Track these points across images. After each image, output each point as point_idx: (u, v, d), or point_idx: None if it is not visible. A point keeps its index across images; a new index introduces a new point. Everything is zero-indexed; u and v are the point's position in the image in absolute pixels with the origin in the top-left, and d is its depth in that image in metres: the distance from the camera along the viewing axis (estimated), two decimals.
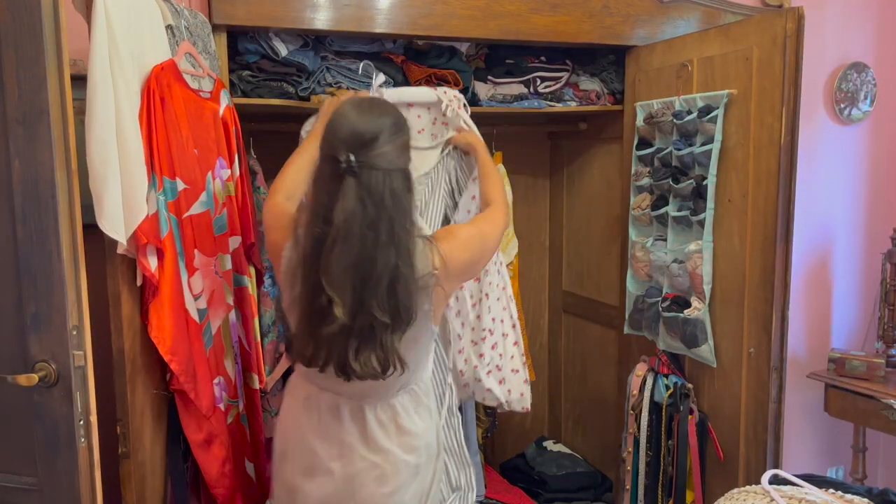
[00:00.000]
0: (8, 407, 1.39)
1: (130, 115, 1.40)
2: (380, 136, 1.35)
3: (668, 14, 2.43)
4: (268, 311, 2.12)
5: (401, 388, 1.52)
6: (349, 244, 1.32)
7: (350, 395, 1.49)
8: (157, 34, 1.59)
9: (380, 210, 1.33)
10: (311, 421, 1.51)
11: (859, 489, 1.46)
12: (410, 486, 1.52)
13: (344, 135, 1.35)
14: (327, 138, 1.38)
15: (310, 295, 1.36)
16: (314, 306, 1.35)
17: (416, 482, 1.54)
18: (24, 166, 1.30)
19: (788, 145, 1.97)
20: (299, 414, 1.53)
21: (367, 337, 1.36)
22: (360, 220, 1.32)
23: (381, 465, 1.49)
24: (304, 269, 1.37)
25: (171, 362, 1.49)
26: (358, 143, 1.33)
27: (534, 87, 2.52)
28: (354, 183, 1.32)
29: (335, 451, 1.49)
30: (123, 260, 1.45)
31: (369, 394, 1.49)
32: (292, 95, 2.15)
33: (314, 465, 1.49)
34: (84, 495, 1.35)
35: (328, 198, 1.34)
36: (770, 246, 2.02)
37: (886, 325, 2.74)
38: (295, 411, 1.54)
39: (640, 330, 2.44)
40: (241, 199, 1.86)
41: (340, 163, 1.32)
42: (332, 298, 1.32)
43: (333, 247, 1.32)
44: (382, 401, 1.51)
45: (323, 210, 1.34)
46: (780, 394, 2.06)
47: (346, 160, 1.31)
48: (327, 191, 1.34)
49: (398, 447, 1.51)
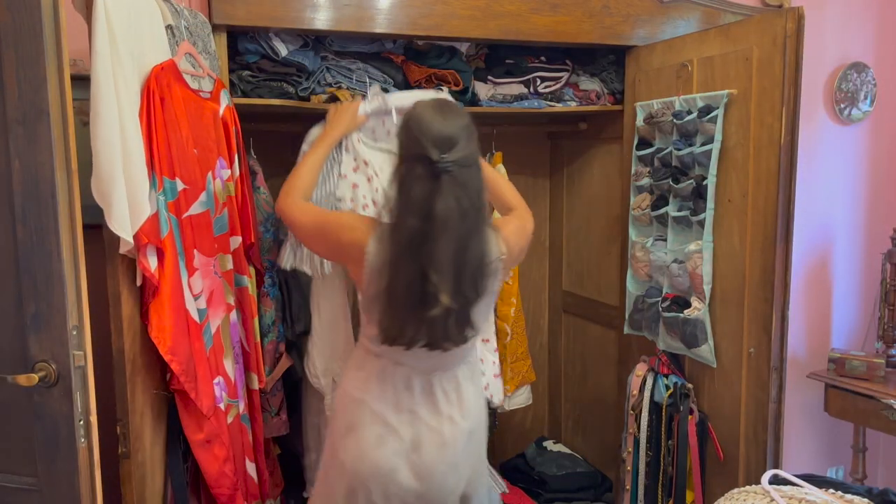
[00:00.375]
0: (8, 407, 1.39)
1: (131, 116, 1.40)
2: (462, 136, 1.51)
3: (668, 14, 2.43)
4: (268, 311, 2.12)
5: (461, 360, 1.70)
6: (449, 236, 1.48)
7: (423, 369, 1.65)
8: (157, 34, 1.59)
9: (472, 203, 1.51)
10: (384, 394, 1.64)
11: (859, 489, 1.46)
12: (466, 448, 1.70)
13: (433, 137, 1.49)
14: (413, 141, 1.51)
15: (413, 284, 1.50)
16: (418, 293, 1.50)
17: (470, 445, 1.72)
18: (24, 166, 1.30)
19: (788, 145, 1.97)
20: (371, 387, 1.65)
21: (462, 316, 1.56)
22: (457, 214, 1.48)
23: (443, 431, 1.65)
24: (402, 261, 1.51)
25: (172, 362, 1.49)
26: (447, 144, 1.48)
27: (534, 87, 2.52)
28: (450, 180, 1.48)
29: (406, 419, 1.64)
30: (123, 260, 1.45)
31: (439, 367, 1.66)
32: (292, 95, 2.15)
33: (385, 434, 1.63)
34: (84, 495, 1.36)
35: (424, 195, 1.48)
36: (770, 246, 2.02)
37: (886, 325, 2.74)
38: (367, 385, 1.66)
39: (640, 330, 2.44)
40: (241, 199, 1.86)
41: (435, 163, 1.47)
42: (438, 286, 1.48)
43: (438, 240, 1.48)
44: (448, 372, 1.68)
45: (419, 207, 1.49)
46: (780, 394, 2.06)
47: (440, 160, 1.47)
48: (422, 189, 1.49)
49: (458, 413, 1.68)
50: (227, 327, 1.75)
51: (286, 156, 2.54)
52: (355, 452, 1.63)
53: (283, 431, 2.22)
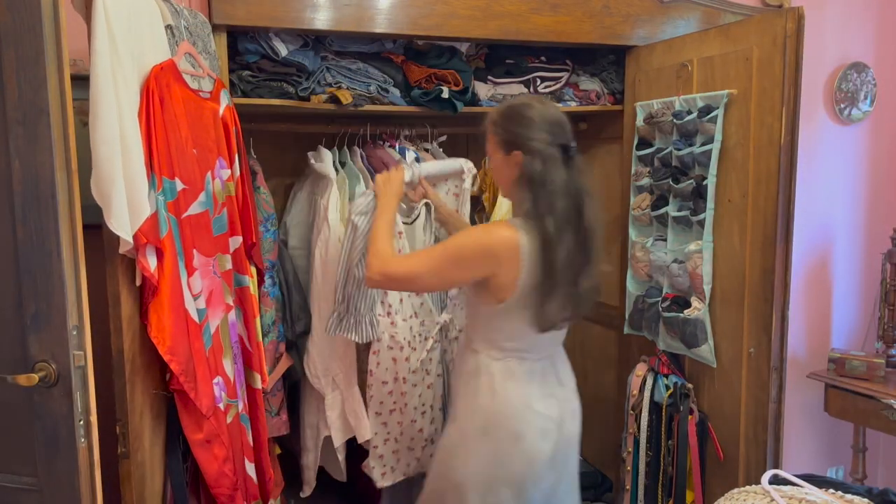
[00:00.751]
0: (8, 407, 1.39)
1: (130, 116, 1.40)
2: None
3: (668, 14, 2.43)
4: (268, 311, 2.12)
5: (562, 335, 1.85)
6: (592, 206, 1.68)
7: (548, 353, 1.80)
8: (157, 34, 1.59)
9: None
10: (533, 390, 1.76)
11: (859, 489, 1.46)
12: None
13: (564, 123, 1.69)
14: (550, 130, 1.67)
15: (573, 256, 1.65)
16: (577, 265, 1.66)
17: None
18: (24, 166, 1.29)
19: (788, 145, 1.97)
20: (530, 390, 1.75)
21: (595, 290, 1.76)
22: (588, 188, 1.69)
23: (572, 400, 1.84)
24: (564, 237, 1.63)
25: (171, 362, 1.49)
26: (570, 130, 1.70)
27: (534, 87, 2.52)
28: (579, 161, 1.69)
29: (552, 404, 1.77)
30: (123, 260, 1.45)
31: (555, 345, 1.83)
32: (292, 95, 2.16)
33: (545, 427, 1.75)
34: (84, 495, 1.35)
35: (566, 176, 1.65)
36: (770, 246, 2.02)
37: (886, 325, 2.74)
38: (525, 390, 1.75)
39: (640, 330, 2.44)
40: (241, 199, 1.86)
41: (571, 147, 1.67)
42: (595, 253, 1.70)
43: (586, 212, 1.67)
44: (558, 348, 1.85)
45: (566, 187, 1.65)
46: (780, 394, 2.06)
47: (574, 145, 1.67)
48: (563, 172, 1.66)
49: (572, 382, 1.87)
50: (226, 327, 1.75)
51: (286, 156, 2.55)
52: (530, 455, 1.73)
53: (284, 431, 2.22)
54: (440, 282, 1.81)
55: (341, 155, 2.36)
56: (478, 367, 1.77)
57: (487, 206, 2.62)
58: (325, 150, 2.26)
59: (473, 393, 1.77)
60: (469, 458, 1.75)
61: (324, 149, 2.26)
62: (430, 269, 1.72)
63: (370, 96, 2.24)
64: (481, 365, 1.77)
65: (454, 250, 1.72)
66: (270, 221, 2.17)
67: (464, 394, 1.81)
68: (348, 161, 2.33)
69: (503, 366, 1.75)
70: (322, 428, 2.26)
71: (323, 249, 2.16)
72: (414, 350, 2.19)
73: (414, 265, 1.75)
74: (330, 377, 2.20)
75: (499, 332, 1.75)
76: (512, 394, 1.74)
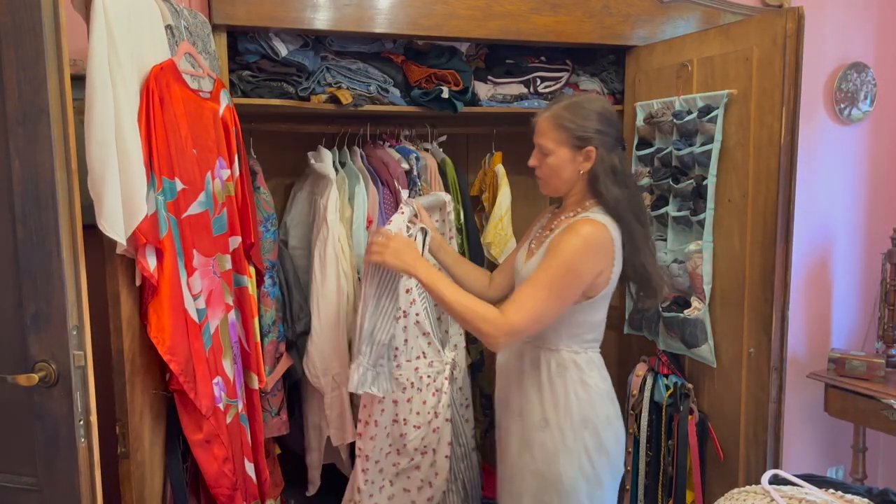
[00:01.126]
0: (8, 407, 1.39)
1: (129, 116, 1.40)
2: None
3: (668, 14, 2.43)
4: (268, 311, 2.12)
5: None
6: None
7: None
8: (157, 34, 1.59)
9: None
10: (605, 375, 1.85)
11: (859, 489, 1.46)
12: None
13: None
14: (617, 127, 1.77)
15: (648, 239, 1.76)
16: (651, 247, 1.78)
17: None
18: (24, 166, 1.30)
19: (788, 145, 1.97)
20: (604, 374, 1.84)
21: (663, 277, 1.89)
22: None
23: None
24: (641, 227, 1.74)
25: (171, 362, 1.49)
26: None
27: (534, 87, 2.52)
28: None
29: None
30: (123, 260, 1.45)
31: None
32: (292, 95, 2.16)
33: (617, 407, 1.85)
34: (84, 495, 1.36)
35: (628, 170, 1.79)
36: (770, 246, 2.02)
37: (886, 325, 2.74)
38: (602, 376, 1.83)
39: (640, 330, 2.44)
40: (241, 199, 1.86)
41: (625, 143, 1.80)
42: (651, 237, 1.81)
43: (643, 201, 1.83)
44: None
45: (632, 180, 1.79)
46: (780, 394, 2.06)
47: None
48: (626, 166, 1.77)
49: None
50: (225, 327, 1.75)
51: (286, 156, 2.55)
52: (618, 433, 1.83)
53: (283, 431, 2.22)
54: (562, 306, 1.70)
55: (341, 155, 2.36)
56: (562, 365, 1.78)
57: (487, 206, 2.62)
58: (325, 150, 2.26)
59: (563, 391, 1.77)
60: (573, 456, 1.76)
61: (324, 149, 2.26)
62: (550, 298, 1.65)
63: (370, 96, 2.24)
64: (565, 361, 1.78)
65: (566, 268, 1.65)
66: (270, 221, 2.17)
67: (549, 395, 1.78)
68: (348, 161, 2.34)
69: (587, 358, 1.80)
70: (324, 428, 2.26)
71: (322, 249, 2.16)
72: (419, 391, 2.02)
73: (534, 306, 1.65)
74: (330, 377, 2.20)
75: (580, 327, 1.77)
76: (599, 382, 1.80)
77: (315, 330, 2.19)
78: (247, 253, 1.88)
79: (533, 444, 1.80)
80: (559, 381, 1.77)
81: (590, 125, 1.72)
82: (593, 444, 1.77)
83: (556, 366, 1.78)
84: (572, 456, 1.75)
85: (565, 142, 1.74)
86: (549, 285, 1.64)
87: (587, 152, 1.72)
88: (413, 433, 2.02)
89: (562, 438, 1.76)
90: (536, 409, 1.80)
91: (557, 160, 1.75)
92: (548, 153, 1.76)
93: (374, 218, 2.27)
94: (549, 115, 1.76)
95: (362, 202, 2.25)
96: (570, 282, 1.66)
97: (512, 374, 1.89)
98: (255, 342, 1.89)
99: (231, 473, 1.67)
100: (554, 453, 1.76)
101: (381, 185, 2.31)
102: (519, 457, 1.83)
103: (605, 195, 1.72)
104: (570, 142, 1.73)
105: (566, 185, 1.78)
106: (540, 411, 1.79)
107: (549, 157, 1.76)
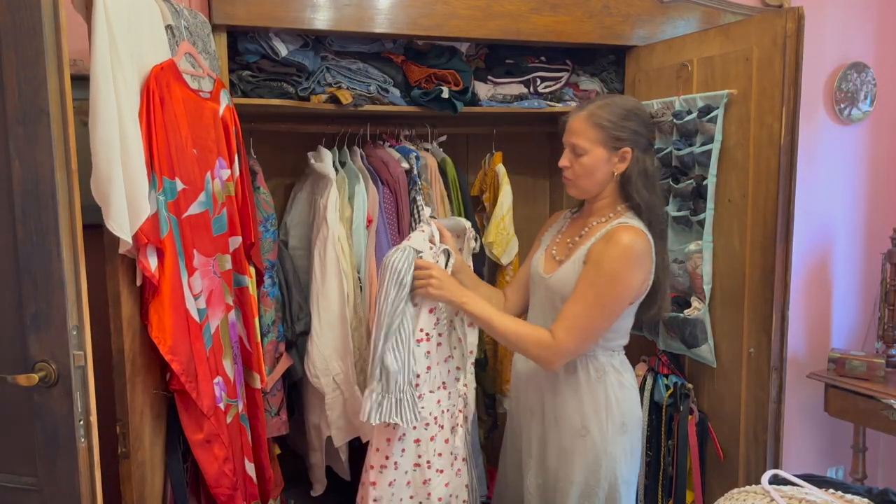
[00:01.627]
0: (8, 407, 1.39)
1: (130, 116, 1.40)
2: None
3: (668, 14, 2.43)
4: (268, 311, 2.12)
5: None
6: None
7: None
8: (157, 34, 1.59)
9: None
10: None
11: (859, 489, 1.46)
12: None
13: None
14: (652, 130, 1.78)
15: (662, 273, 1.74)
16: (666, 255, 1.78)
17: None
18: (24, 166, 1.30)
19: (788, 145, 1.97)
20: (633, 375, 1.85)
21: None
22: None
23: None
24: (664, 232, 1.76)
25: (172, 362, 1.49)
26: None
27: (534, 87, 2.52)
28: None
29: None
30: (123, 260, 1.45)
31: None
32: (292, 95, 2.16)
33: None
34: (84, 495, 1.36)
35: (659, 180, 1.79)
36: (770, 246, 2.02)
37: (886, 325, 2.74)
38: (633, 377, 1.84)
39: (639, 330, 2.44)
40: (241, 199, 1.86)
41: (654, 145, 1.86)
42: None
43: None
44: None
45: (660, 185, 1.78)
46: (780, 394, 2.06)
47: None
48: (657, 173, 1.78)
49: None
50: (225, 327, 1.75)
51: (286, 156, 2.55)
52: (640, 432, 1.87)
53: (283, 431, 2.22)
54: (612, 320, 1.69)
55: (341, 155, 2.36)
56: (601, 370, 1.77)
57: (488, 206, 2.62)
58: (325, 150, 2.26)
59: (604, 396, 1.76)
60: (613, 461, 1.76)
61: (324, 149, 2.26)
62: (601, 315, 1.65)
63: (370, 96, 2.24)
64: (604, 366, 1.78)
65: (614, 282, 1.63)
66: (270, 221, 2.17)
67: (590, 401, 1.77)
68: (348, 161, 2.34)
69: (620, 360, 1.82)
70: (324, 428, 2.26)
71: (322, 249, 2.16)
72: (441, 428, 1.84)
73: (584, 324, 1.65)
74: (330, 377, 2.20)
75: (615, 332, 1.77)
76: (633, 382, 1.84)
77: (315, 330, 2.19)
78: (247, 253, 1.88)
79: (574, 452, 1.78)
80: (599, 386, 1.77)
81: (627, 125, 1.69)
82: (629, 447, 1.79)
83: (594, 371, 1.77)
84: (613, 461, 1.76)
85: (602, 141, 1.70)
86: (596, 301, 1.63)
87: (623, 153, 1.69)
88: (437, 479, 1.83)
89: (602, 444, 1.76)
90: (576, 416, 1.77)
91: (592, 160, 1.71)
92: (582, 153, 1.72)
93: (374, 217, 2.27)
94: (585, 114, 1.72)
95: (362, 202, 2.25)
96: (618, 294, 1.64)
97: (542, 380, 1.84)
98: (257, 342, 1.90)
99: (231, 473, 1.67)
100: (595, 460, 1.76)
101: (381, 185, 2.31)
102: (560, 467, 1.80)
103: (637, 199, 1.69)
104: (606, 141, 1.69)
105: (598, 186, 1.75)
106: (580, 419, 1.77)
107: (584, 156, 1.72)
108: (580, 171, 1.74)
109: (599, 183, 1.74)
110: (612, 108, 1.71)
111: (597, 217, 1.77)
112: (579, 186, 1.77)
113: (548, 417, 1.83)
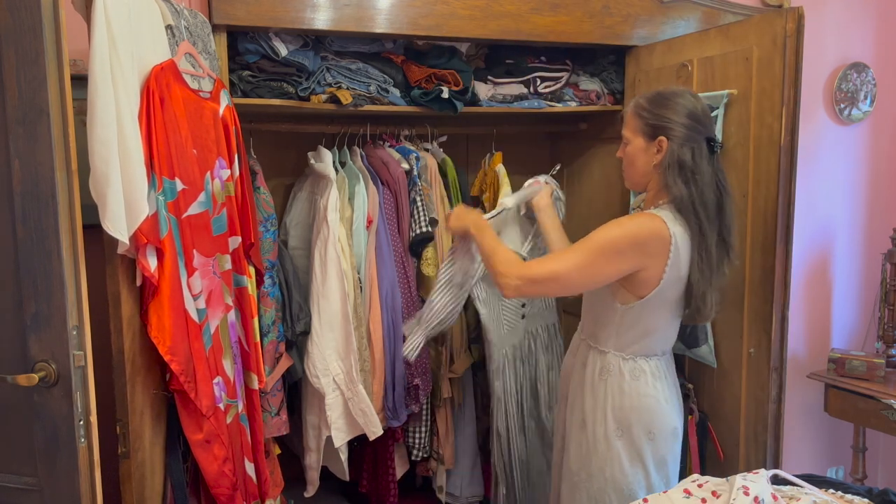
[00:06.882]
0: (8, 407, 1.39)
1: (130, 116, 1.40)
2: None
3: (668, 14, 2.43)
4: (268, 311, 2.12)
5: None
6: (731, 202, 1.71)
7: (667, 352, 1.82)
8: (157, 34, 1.59)
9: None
10: (660, 387, 1.76)
11: (859, 489, 1.46)
12: None
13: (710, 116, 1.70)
14: (699, 121, 1.65)
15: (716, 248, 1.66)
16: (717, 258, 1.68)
17: None
18: (24, 166, 1.30)
19: (788, 145, 1.97)
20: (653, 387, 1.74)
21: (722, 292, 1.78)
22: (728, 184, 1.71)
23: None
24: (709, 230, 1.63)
25: (172, 362, 1.49)
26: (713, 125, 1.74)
27: (534, 87, 2.52)
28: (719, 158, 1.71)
29: (676, 403, 1.81)
30: (123, 260, 1.45)
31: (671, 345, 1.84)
32: (292, 95, 2.15)
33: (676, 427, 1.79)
34: (84, 495, 1.36)
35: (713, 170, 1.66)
36: (770, 246, 2.02)
37: (886, 325, 2.74)
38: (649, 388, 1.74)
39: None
40: (241, 199, 1.86)
41: (717, 143, 1.67)
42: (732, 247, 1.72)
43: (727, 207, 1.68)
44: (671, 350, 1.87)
45: (713, 181, 1.65)
46: (780, 394, 2.06)
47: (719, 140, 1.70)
48: (710, 165, 1.65)
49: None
50: (225, 327, 1.75)
51: (286, 156, 2.55)
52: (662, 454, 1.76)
53: (284, 431, 2.22)
54: (587, 279, 1.66)
55: (341, 155, 2.36)
56: (606, 368, 1.75)
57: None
58: (325, 150, 2.26)
59: (603, 395, 1.75)
60: (606, 462, 1.73)
61: (324, 149, 2.26)
62: (577, 265, 1.62)
63: (370, 96, 2.24)
64: (609, 365, 1.75)
65: (604, 243, 1.62)
66: (270, 221, 2.17)
67: (590, 397, 1.77)
68: (348, 161, 2.34)
69: (632, 365, 1.74)
70: (323, 428, 2.26)
71: (322, 249, 2.16)
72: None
73: (556, 264, 1.66)
74: (330, 377, 2.20)
75: (630, 331, 1.72)
76: (642, 392, 1.73)
77: (315, 330, 2.19)
78: (246, 253, 1.88)
79: (571, 441, 1.82)
80: (600, 385, 1.76)
81: (664, 114, 1.65)
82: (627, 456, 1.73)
83: (600, 368, 1.76)
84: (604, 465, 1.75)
85: (640, 130, 1.69)
86: (584, 253, 1.63)
87: (659, 142, 1.67)
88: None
89: (594, 444, 1.75)
90: (576, 408, 1.81)
91: (633, 150, 1.72)
92: (626, 143, 1.74)
93: (374, 218, 2.27)
94: (632, 105, 1.74)
95: (362, 202, 2.25)
96: (603, 260, 1.61)
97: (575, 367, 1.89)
98: (255, 342, 1.89)
99: (231, 473, 1.67)
100: (587, 459, 1.76)
101: (381, 185, 2.31)
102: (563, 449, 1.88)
103: (675, 191, 1.64)
104: (644, 130, 1.68)
105: (642, 177, 1.73)
106: (574, 411, 1.81)
107: (628, 146, 1.74)
108: (625, 162, 1.77)
109: (642, 174, 1.73)
110: (655, 98, 1.70)
111: (646, 210, 1.74)
112: (627, 177, 1.80)
113: (568, 403, 1.90)
